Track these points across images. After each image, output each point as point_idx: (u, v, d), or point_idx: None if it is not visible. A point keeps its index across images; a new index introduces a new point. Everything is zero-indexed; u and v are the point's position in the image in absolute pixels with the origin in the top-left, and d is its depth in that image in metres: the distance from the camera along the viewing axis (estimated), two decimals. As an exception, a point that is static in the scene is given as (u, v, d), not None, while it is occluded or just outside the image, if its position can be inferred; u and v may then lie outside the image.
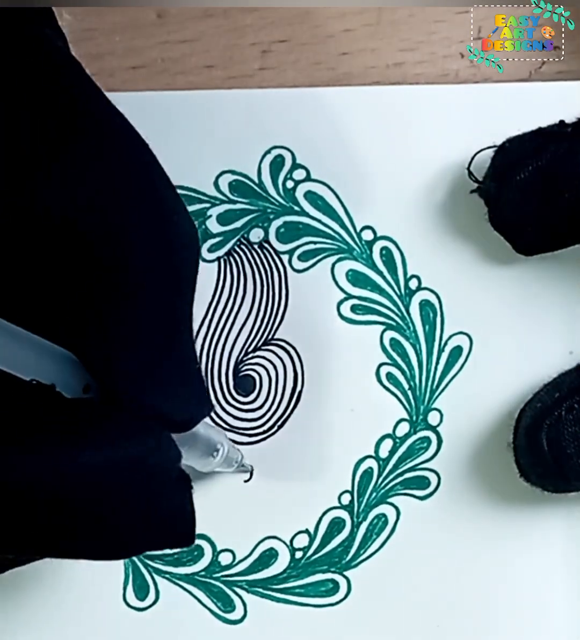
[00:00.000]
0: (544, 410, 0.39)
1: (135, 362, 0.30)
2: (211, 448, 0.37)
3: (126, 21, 0.43)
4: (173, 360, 0.32)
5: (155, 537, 0.32)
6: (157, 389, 0.31)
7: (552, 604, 0.42)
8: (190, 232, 0.32)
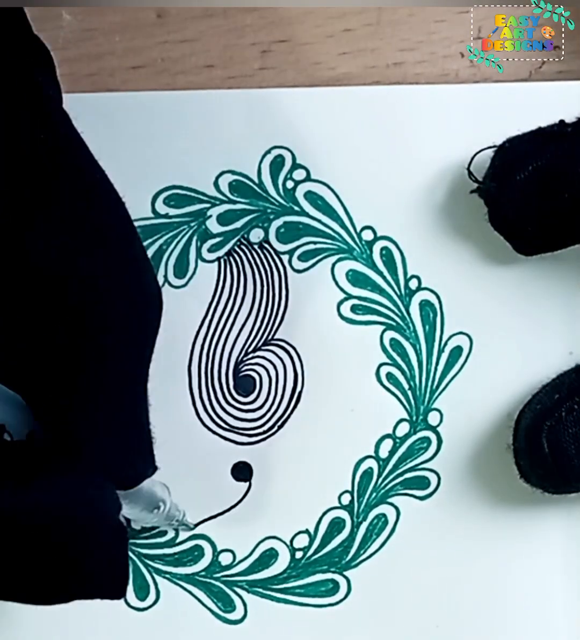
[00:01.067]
0: (544, 412, 0.39)
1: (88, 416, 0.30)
2: (153, 504, 0.38)
3: (126, 21, 0.43)
4: (125, 418, 0.32)
5: (88, 586, 0.31)
6: (107, 444, 0.31)
7: (552, 604, 0.42)
8: (155, 292, 0.32)
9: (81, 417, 0.30)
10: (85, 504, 0.29)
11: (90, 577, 0.31)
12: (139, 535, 0.42)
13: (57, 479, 0.29)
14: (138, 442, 0.33)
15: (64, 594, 0.31)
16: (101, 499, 0.30)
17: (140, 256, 0.32)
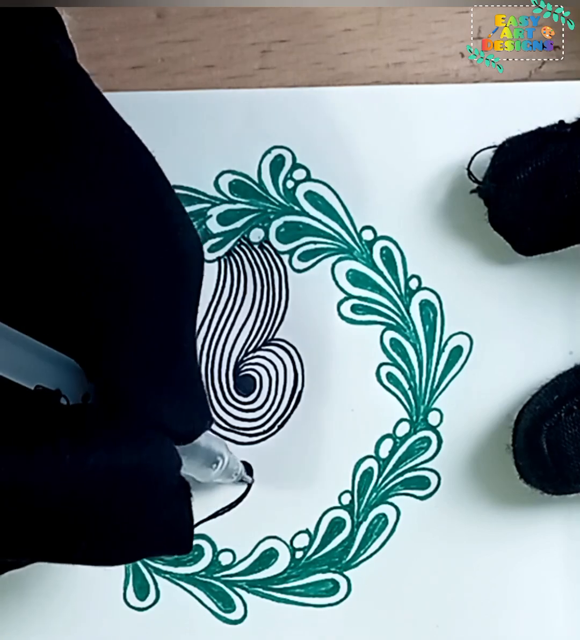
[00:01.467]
0: (543, 413, 0.39)
1: (140, 373, 0.30)
2: (211, 459, 0.37)
3: (126, 21, 0.43)
4: (177, 373, 0.32)
5: (154, 543, 0.32)
6: (161, 401, 0.31)
7: (552, 605, 0.42)
8: (195, 245, 0.32)
9: (133, 372, 0.30)
10: (146, 463, 0.29)
11: (156, 533, 0.31)
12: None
13: (116, 440, 0.29)
14: (192, 395, 0.33)
15: (132, 551, 0.31)
16: (161, 456, 0.30)
17: (176, 212, 0.32)
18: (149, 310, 0.30)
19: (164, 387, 0.31)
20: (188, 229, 0.32)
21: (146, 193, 0.31)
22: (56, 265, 0.29)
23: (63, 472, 0.27)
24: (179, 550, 0.33)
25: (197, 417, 0.34)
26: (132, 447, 0.29)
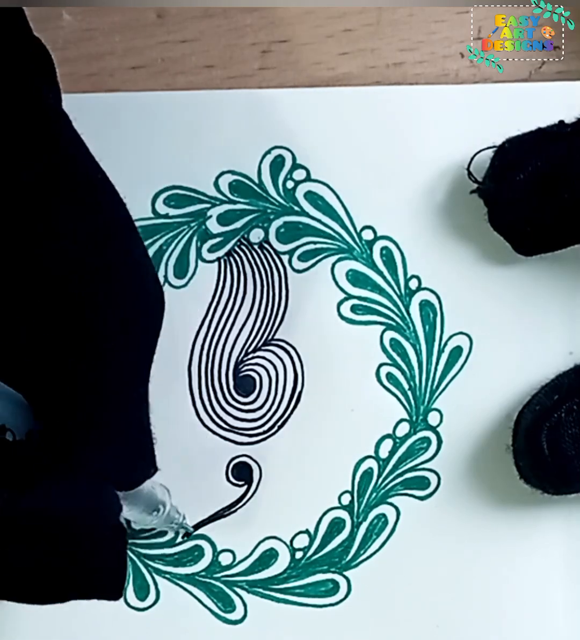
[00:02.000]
0: (544, 413, 0.39)
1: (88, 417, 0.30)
2: (152, 506, 0.38)
3: (126, 21, 0.43)
4: (126, 420, 0.32)
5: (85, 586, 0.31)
6: (106, 448, 0.31)
7: (552, 605, 0.42)
8: (158, 294, 0.32)
9: (81, 418, 0.30)
10: (85, 506, 0.30)
11: (88, 578, 0.31)
12: (138, 535, 0.42)
13: (57, 481, 0.29)
14: (139, 443, 0.33)
15: (62, 594, 0.31)
16: (101, 500, 0.31)
17: (141, 258, 0.32)
18: (107, 352, 0.30)
19: (112, 433, 0.31)
20: (153, 276, 0.32)
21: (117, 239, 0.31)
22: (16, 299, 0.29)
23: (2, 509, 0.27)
24: (109, 596, 0.33)
25: (142, 465, 0.34)
26: (72, 490, 0.29)
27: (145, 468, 0.34)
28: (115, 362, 0.31)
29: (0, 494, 0.27)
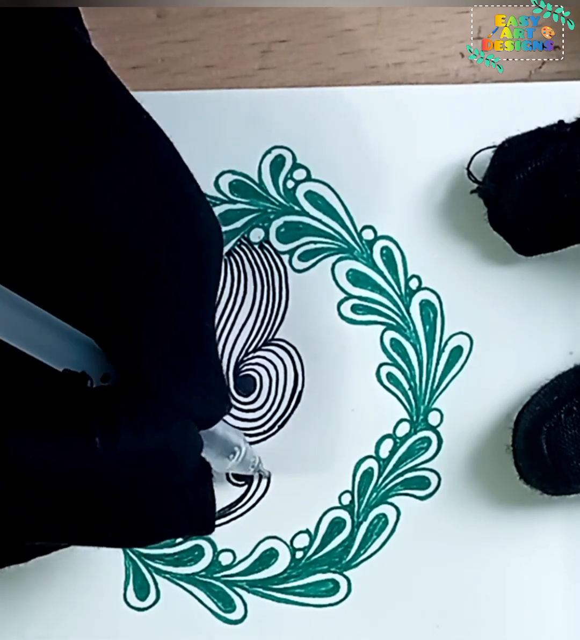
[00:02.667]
0: (543, 414, 0.39)
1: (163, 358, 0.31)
2: (228, 449, 0.38)
3: (126, 21, 0.43)
4: (198, 357, 0.32)
5: (179, 523, 0.32)
6: (183, 385, 0.31)
7: (552, 605, 0.42)
8: (215, 227, 0.33)
9: (156, 359, 0.31)
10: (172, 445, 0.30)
11: (182, 514, 0.32)
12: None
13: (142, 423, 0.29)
14: (212, 379, 0.33)
15: (157, 532, 0.32)
16: (186, 437, 0.31)
17: (194, 194, 0.32)
18: (173, 295, 0.31)
19: (186, 372, 0.32)
20: (207, 211, 0.33)
21: (166, 178, 0.31)
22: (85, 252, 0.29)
23: (94, 457, 0.28)
24: (202, 530, 0.34)
25: (217, 401, 0.34)
26: (158, 429, 0.29)
27: (221, 403, 0.34)
28: (185, 297, 0.31)
29: (93, 441, 0.28)
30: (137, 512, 0.30)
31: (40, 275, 0.30)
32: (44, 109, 0.29)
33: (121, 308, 0.30)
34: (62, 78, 0.29)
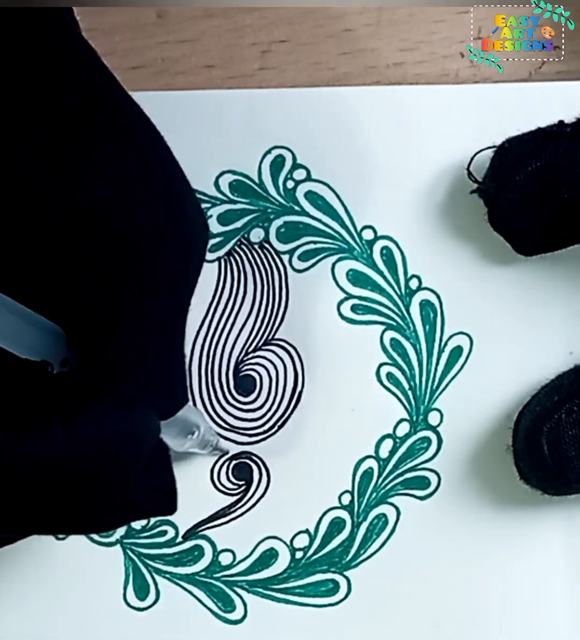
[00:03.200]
0: (544, 414, 0.39)
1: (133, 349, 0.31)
2: (187, 429, 0.38)
3: (126, 21, 0.43)
4: (166, 351, 0.32)
5: (142, 506, 0.32)
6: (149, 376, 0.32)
7: (552, 605, 0.42)
8: (201, 224, 0.33)
9: (123, 348, 0.31)
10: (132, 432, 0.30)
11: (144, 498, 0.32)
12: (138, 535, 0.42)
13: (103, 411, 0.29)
14: (176, 372, 0.33)
15: (121, 516, 0.32)
16: (146, 424, 0.31)
17: (181, 184, 0.32)
18: (148, 284, 0.31)
19: (153, 364, 0.32)
20: (194, 208, 0.33)
21: (155, 171, 0.31)
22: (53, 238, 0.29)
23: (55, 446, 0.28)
24: (165, 511, 0.34)
25: (178, 395, 0.34)
26: (118, 417, 0.30)
27: (182, 396, 0.34)
28: (154, 291, 0.31)
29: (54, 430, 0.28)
30: (101, 497, 0.30)
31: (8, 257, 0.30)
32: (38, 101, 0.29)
33: (93, 295, 0.30)
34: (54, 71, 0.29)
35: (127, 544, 0.42)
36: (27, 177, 0.29)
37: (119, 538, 0.42)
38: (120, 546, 0.42)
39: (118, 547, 0.42)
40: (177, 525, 0.42)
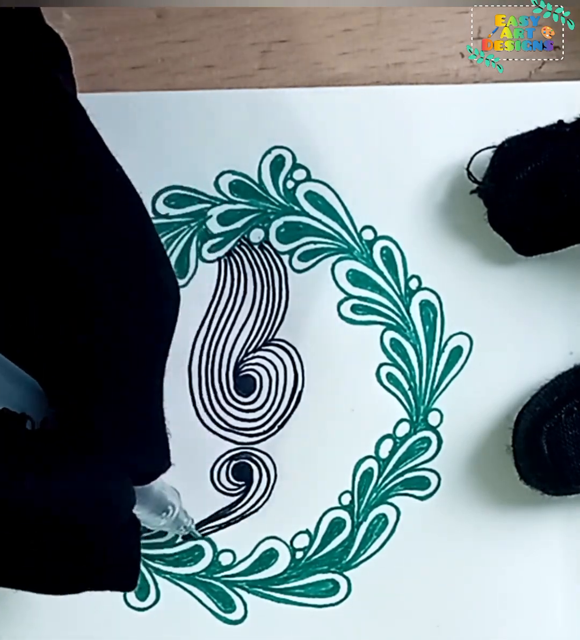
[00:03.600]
0: (543, 414, 0.39)
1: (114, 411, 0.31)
2: (162, 507, 0.38)
3: (126, 21, 0.43)
4: (142, 411, 0.32)
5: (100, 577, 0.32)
6: (126, 439, 0.31)
7: (552, 605, 0.42)
8: (173, 286, 0.32)
9: (98, 407, 0.30)
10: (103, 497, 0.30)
11: (103, 569, 0.31)
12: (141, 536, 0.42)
13: (76, 470, 0.29)
14: (156, 437, 0.33)
15: (76, 584, 0.31)
16: (118, 491, 0.31)
17: (157, 251, 0.32)
18: (125, 344, 0.30)
19: (134, 427, 0.31)
20: (168, 269, 0.32)
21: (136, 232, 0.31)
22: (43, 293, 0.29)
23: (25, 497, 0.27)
24: (123, 586, 0.33)
25: (159, 459, 0.34)
26: (92, 480, 0.29)
27: (162, 461, 0.34)
28: (133, 354, 0.31)
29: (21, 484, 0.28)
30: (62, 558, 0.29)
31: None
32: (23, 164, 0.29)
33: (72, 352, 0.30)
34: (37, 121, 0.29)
35: (127, 544, 0.42)
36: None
37: (119, 538, 0.42)
38: (120, 546, 0.42)
39: (118, 547, 0.42)
40: (177, 526, 0.42)
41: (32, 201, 0.29)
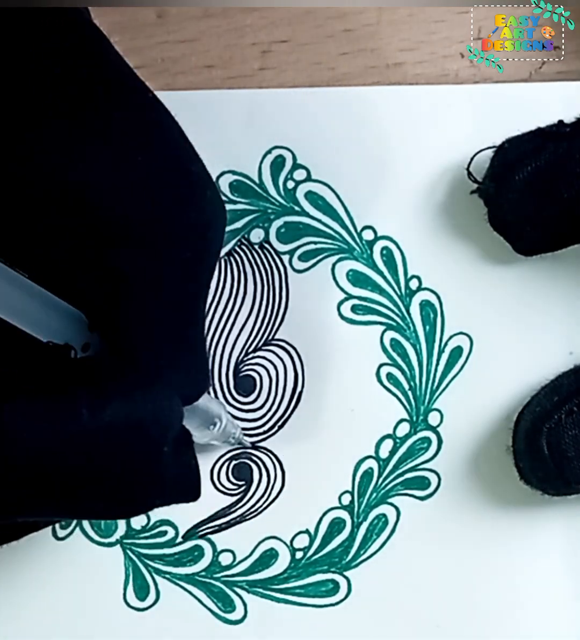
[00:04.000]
0: (543, 414, 0.39)
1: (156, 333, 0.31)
2: (209, 420, 0.38)
3: (126, 21, 0.43)
4: (188, 334, 0.32)
5: (165, 492, 0.32)
6: (170, 361, 0.31)
7: (552, 606, 0.42)
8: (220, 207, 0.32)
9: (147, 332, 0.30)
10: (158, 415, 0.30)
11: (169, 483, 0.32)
12: (138, 535, 0.42)
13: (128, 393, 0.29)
14: (198, 358, 0.33)
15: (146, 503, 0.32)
16: (171, 407, 0.31)
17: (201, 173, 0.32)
18: (172, 272, 0.30)
19: (176, 348, 0.32)
20: (213, 190, 0.32)
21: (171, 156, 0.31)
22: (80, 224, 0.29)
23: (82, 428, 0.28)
24: (189, 497, 0.34)
25: (201, 379, 0.34)
26: (145, 400, 0.29)
27: (204, 380, 0.34)
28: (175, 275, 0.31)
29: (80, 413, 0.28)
30: (126, 482, 0.30)
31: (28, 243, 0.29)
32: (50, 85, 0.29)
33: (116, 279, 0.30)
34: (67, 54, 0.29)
35: (127, 544, 0.42)
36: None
37: (119, 538, 0.42)
38: (120, 546, 0.42)
39: (118, 547, 0.42)
40: (177, 526, 0.42)
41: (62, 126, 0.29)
